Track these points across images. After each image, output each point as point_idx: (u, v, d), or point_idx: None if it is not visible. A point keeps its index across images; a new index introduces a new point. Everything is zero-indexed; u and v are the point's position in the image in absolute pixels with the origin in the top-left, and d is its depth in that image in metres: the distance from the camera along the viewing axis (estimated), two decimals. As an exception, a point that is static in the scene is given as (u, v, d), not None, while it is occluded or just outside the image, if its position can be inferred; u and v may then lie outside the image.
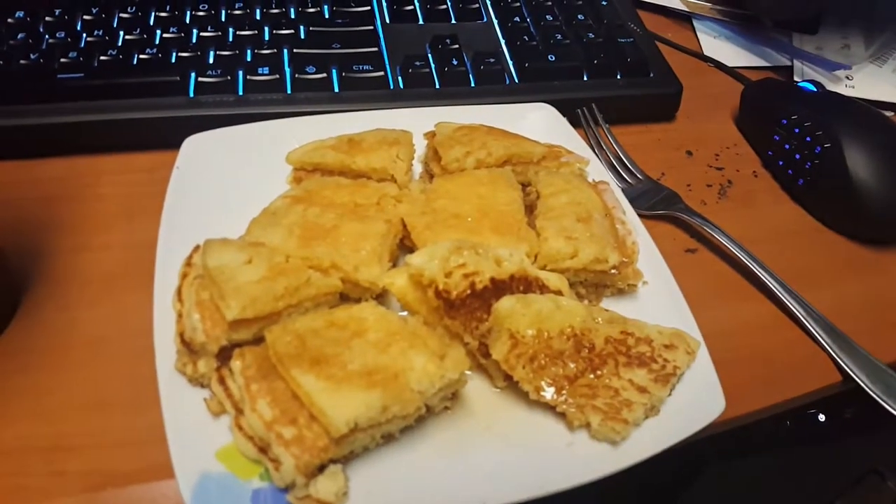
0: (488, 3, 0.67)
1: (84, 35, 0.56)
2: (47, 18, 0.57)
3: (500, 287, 0.40)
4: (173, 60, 0.56)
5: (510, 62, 0.61)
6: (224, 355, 0.37)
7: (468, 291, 0.39)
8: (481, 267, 0.39)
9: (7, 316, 0.42)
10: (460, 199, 0.44)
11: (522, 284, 0.41)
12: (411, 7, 0.64)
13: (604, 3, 0.68)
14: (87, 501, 0.35)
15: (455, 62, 0.59)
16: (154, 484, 0.36)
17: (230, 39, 0.58)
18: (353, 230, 0.41)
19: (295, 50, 0.57)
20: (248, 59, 0.57)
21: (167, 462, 0.35)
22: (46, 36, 0.56)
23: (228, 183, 0.48)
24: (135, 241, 0.47)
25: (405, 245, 0.45)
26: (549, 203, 0.46)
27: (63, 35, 0.56)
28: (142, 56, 0.55)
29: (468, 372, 0.39)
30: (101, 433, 0.38)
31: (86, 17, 0.58)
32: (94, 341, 0.42)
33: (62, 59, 0.54)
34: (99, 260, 0.46)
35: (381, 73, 0.57)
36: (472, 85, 0.59)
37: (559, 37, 0.63)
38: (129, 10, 0.59)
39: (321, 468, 0.34)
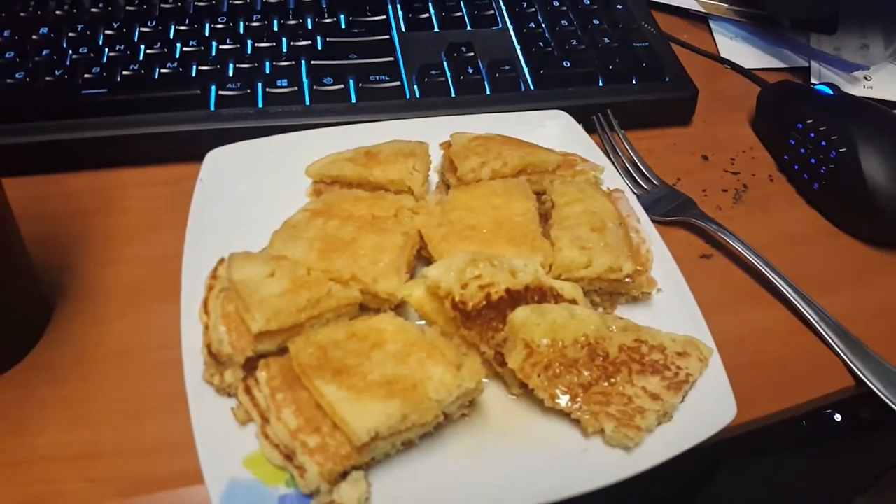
0: (503, 9, 0.67)
1: (106, 50, 0.58)
2: (70, 34, 0.59)
3: (515, 297, 0.41)
4: (194, 74, 0.57)
5: (525, 69, 0.62)
6: (250, 366, 0.38)
7: (484, 302, 0.40)
8: (497, 278, 0.40)
9: (39, 329, 0.44)
10: (476, 210, 0.45)
11: (537, 294, 0.42)
12: (427, 15, 0.64)
13: (619, 6, 0.68)
14: (124, 506, 0.37)
15: (470, 70, 0.59)
16: (184, 490, 0.37)
17: (249, 52, 0.59)
18: (371, 242, 0.42)
19: (312, 62, 0.58)
20: (267, 71, 0.58)
21: (196, 469, 0.37)
22: (70, 52, 0.57)
23: (250, 195, 0.49)
24: (161, 254, 0.48)
25: (422, 256, 0.46)
26: (563, 212, 0.47)
27: (86, 51, 0.57)
28: (163, 70, 0.57)
29: (485, 380, 0.40)
30: (133, 441, 0.39)
31: (107, 31, 0.60)
32: (123, 353, 0.44)
33: (85, 75, 0.55)
34: (126, 273, 0.48)
35: (398, 83, 0.58)
36: (488, 93, 0.59)
37: (574, 42, 0.64)
38: (149, 24, 0.60)
39: (344, 475, 0.35)
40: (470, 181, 0.49)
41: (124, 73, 0.56)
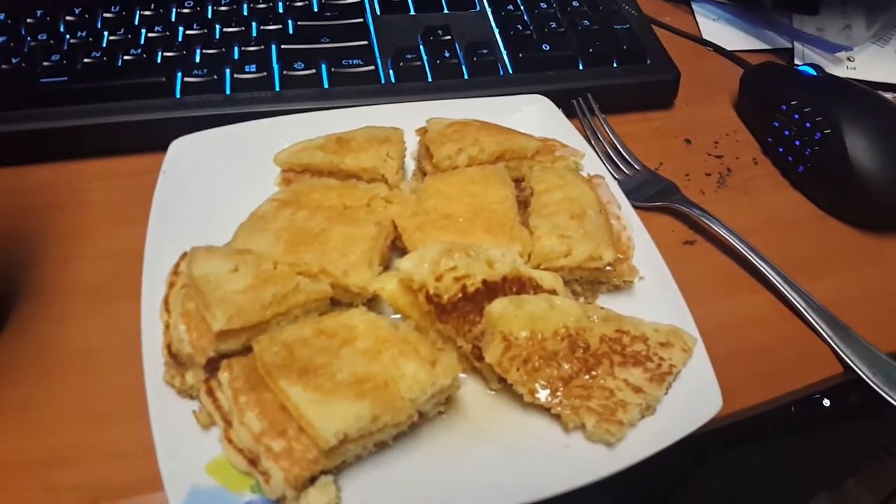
0: (481, -9, 0.65)
1: (67, 37, 0.56)
2: (28, 20, 0.56)
3: (492, 289, 0.39)
4: (159, 61, 0.55)
5: (504, 52, 0.60)
6: (212, 366, 0.36)
7: (460, 295, 0.38)
8: (473, 269, 0.39)
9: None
10: (452, 198, 0.44)
11: (515, 285, 0.40)
12: (402, -3, 0.62)
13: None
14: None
15: (447, 54, 0.57)
16: (147, 496, 0.36)
17: (217, 37, 0.57)
18: (342, 234, 0.41)
19: (283, 46, 0.56)
20: (236, 56, 0.56)
21: (155, 475, 0.35)
22: (28, 39, 0.55)
23: (216, 186, 0.47)
24: (124, 249, 0.46)
25: (397, 247, 0.44)
26: (542, 200, 0.45)
27: (45, 37, 0.55)
28: (126, 57, 0.54)
29: (462, 376, 0.39)
30: (94, 446, 0.38)
31: (68, 17, 0.57)
32: (84, 353, 0.42)
33: (45, 63, 0.53)
34: (88, 269, 0.46)
35: (372, 68, 0.56)
36: (465, 77, 0.58)
37: (553, 25, 0.62)
38: (112, 9, 0.58)
39: (312, 480, 0.33)
40: (446, 168, 0.47)
41: (86, 60, 0.54)
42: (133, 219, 0.48)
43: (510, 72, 0.59)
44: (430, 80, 0.57)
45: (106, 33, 0.56)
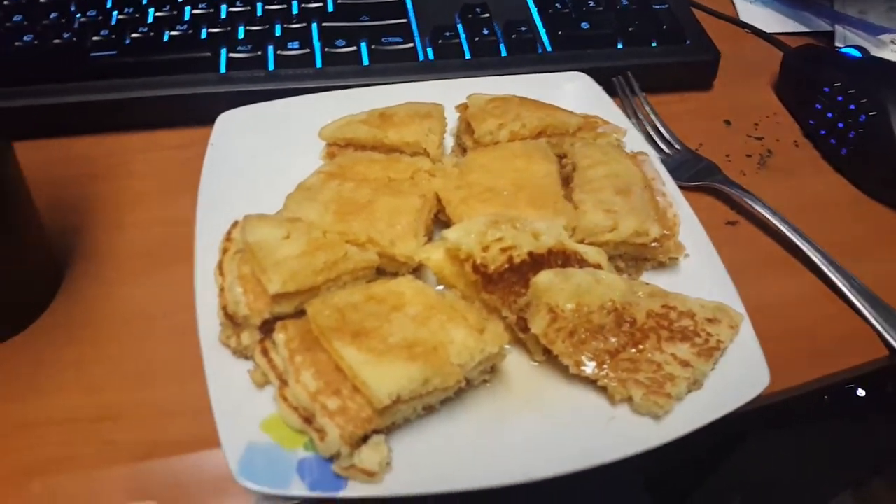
0: (519, -29, 0.65)
1: (115, 13, 0.56)
2: (79, -4, 0.57)
3: (537, 261, 0.39)
4: (203, 37, 0.55)
5: (542, 30, 0.60)
6: (266, 328, 0.37)
7: (506, 266, 0.38)
8: (519, 241, 0.39)
9: (51, 292, 0.43)
10: (495, 172, 0.44)
11: (561, 258, 0.40)
12: (441, -23, 0.62)
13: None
14: (137, 470, 0.36)
15: (486, 32, 0.58)
16: (199, 454, 0.36)
17: (259, 14, 0.57)
18: (388, 205, 0.41)
19: (324, 24, 0.57)
20: (278, 33, 0.56)
21: (212, 433, 0.36)
22: (78, 14, 0.56)
23: (262, 158, 0.48)
24: (171, 217, 0.47)
25: (440, 220, 0.44)
26: (586, 175, 0.45)
27: (94, 13, 0.56)
28: (172, 33, 0.55)
29: (507, 346, 0.39)
30: (147, 404, 0.39)
31: (116, -7, 0.58)
32: (136, 315, 0.43)
33: (94, 38, 0.54)
34: (137, 236, 0.47)
35: (411, 45, 0.56)
36: (504, 54, 0.58)
37: (592, 3, 0.62)
38: (157, -15, 0.59)
39: (364, 438, 0.34)
40: (487, 143, 0.47)
41: (133, 35, 0.54)
42: (178, 189, 0.49)
43: (549, 49, 0.59)
44: (468, 57, 0.57)
45: (152, 10, 0.57)
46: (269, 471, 0.33)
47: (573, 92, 0.54)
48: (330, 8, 0.59)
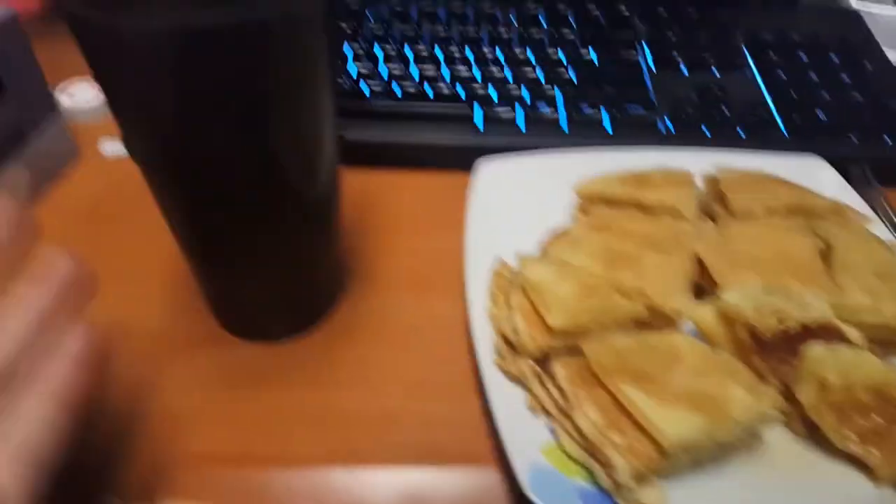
0: (749, 58, 0.68)
1: (385, 67, 0.64)
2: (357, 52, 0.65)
3: (807, 333, 0.40)
4: (463, 96, 0.61)
5: (776, 114, 0.62)
6: (541, 359, 0.40)
7: (778, 334, 0.39)
8: (791, 311, 0.40)
9: (336, 298, 0.48)
10: (758, 243, 0.45)
11: (827, 333, 0.41)
12: (675, 57, 0.66)
13: (867, 64, 0.67)
14: (415, 472, 0.39)
15: (724, 111, 0.60)
16: (472, 467, 0.39)
17: (510, 80, 0.63)
18: (656, 261, 0.43)
19: (570, 92, 0.61)
20: (527, 97, 0.62)
21: (485, 450, 0.39)
22: (356, 64, 0.63)
23: (518, 204, 0.52)
24: (435, 247, 0.52)
25: (696, 283, 0.46)
26: (843, 257, 0.46)
27: (370, 66, 0.63)
28: (436, 90, 0.61)
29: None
30: (422, 412, 0.42)
31: (388, 51, 0.66)
32: (409, 329, 0.47)
33: (373, 88, 0.61)
34: (406, 262, 0.52)
35: (653, 117, 0.59)
36: (741, 134, 0.60)
37: (825, 94, 0.63)
38: (422, 48, 0.66)
39: (644, 478, 0.35)
40: (741, 215, 0.49)
41: (404, 88, 0.61)
42: (441, 224, 0.54)
43: (784, 134, 0.60)
44: (706, 133, 0.60)
45: (416, 68, 0.64)
46: (554, 493, 0.35)
47: (812, 176, 0.55)
48: (573, 78, 0.63)
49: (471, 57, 0.65)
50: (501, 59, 0.65)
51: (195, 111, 0.32)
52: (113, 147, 0.63)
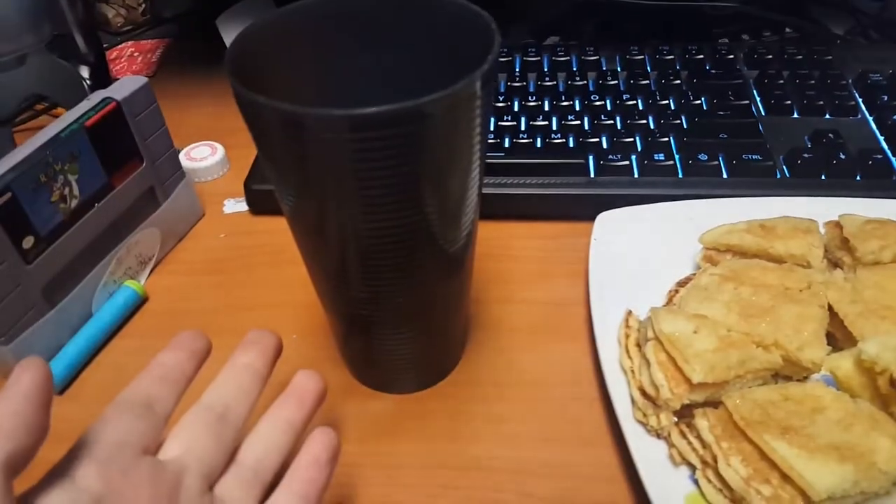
0: (860, 100, 0.67)
1: (493, 119, 0.67)
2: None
3: (947, 383, 0.40)
4: (572, 145, 0.64)
5: (892, 159, 0.61)
6: (678, 412, 0.41)
7: (920, 383, 0.39)
8: (932, 360, 0.40)
9: (462, 351, 0.51)
10: (890, 291, 0.46)
11: (969, 381, 0.40)
12: (788, 102, 0.66)
13: None
14: (557, 523, 0.41)
15: (842, 155, 0.60)
16: (618, 518, 0.41)
17: (620, 127, 0.65)
18: (792, 312, 0.44)
19: (684, 138, 0.63)
20: (639, 145, 0.63)
21: (623, 499, 0.40)
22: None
23: (640, 254, 0.54)
24: (552, 299, 0.54)
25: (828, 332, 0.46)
26: (979, 304, 0.45)
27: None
28: (546, 140, 0.64)
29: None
30: (556, 464, 0.44)
31: (495, 104, 0.68)
32: (533, 382, 0.49)
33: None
34: (524, 312, 0.54)
35: (769, 163, 0.60)
36: (858, 178, 0.60)
37: (943, 134, 0.62)
38: (530, 99, 0.68)
39: (792, 529, 0.36)
40: (869, 262, 0.49)
41: (515, 141, 0.64)
42: (556, 274, 0.56)
43: (902, 177, 0.60)
44: (822, 178, 0.60)
45: (523, 118, 0.67)
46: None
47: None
48: (685, 125, 0.65)
49: (577, 105, 0.67)
50: (609, 106, 0.67)
51: (352, 187, 0.34)
52: (233, 206, 0.68)
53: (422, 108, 0.32)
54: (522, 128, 0.66)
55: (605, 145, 0.64)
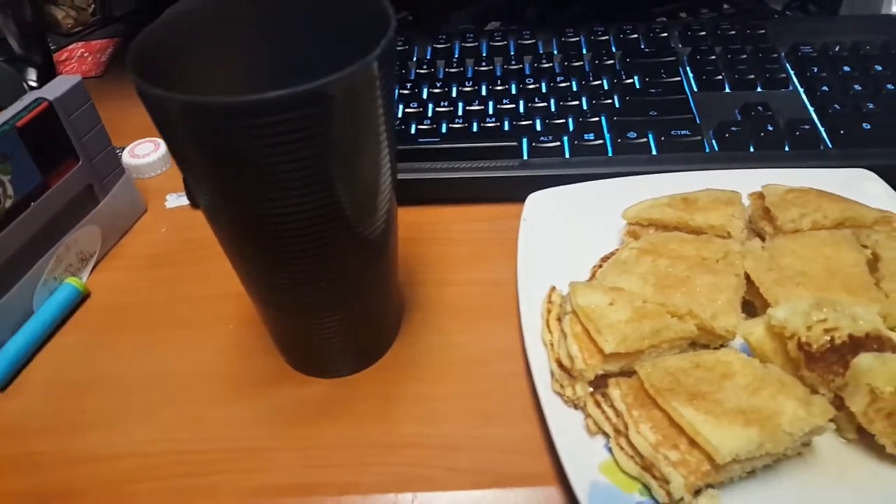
0: (792, 73, 0.68)
1: (431, 105, 0.67)
2: (402, 91, 0.69)
3: (856, 344, 0.41)
4: (507, 128, 0.64)
5: (821, 129, 0.62)
6: (595, 383, 0.42)
7: (828, 346, 0.41)
8: (840, 323, 0.41)
9: (394, 333, 0.52)
10: (806, 257, 0.47)
11: (876, 343, 0.42)
12: (719, 77, 0.67)
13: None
14: (478, 496, 0.42)
15: (769, 127, 0.61)
16: (538, 488, 0.41)
17: (553, 109, 0.66)
18: (706, 281, 0.45)
19: (614, 118, 0.63)
20: (571, 126, 0.64)
21: (547, 471, 0.41)
22: (401, 105, 0.67)
23: (567, 233, 0.54)
24: (488, 279, 0.55)
25: (745, 300, 0.47)
26: (891, 266, 0.47)
27: (416, 105, 0.67)
28: (482, 125, 0.64)
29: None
30: (484, 439, 0.44)
31: (432, 90, 0.69)
32: (465, 361, 0.49)
33: (420, 127, 0.65)
34: (460, 293, 0.55)
35: (697, 138, 0.61)
36: (787, 149, 0.61)
37: (870, 106, 0.63)
38: (467, 84, 0.69)
39: (697, 491, 0.37)
40: (789, 231, 0.50)
41: (449, 125, 0.65)
42: (491, 256, 0.57)
43: (829, 147, 0.61)
44: (751, 150, 0.61)
45: (461, 104, 0.67)
46: (614, 507, 0.37)
47: (861, 188, 0.56)
48: (617, 104, 0.66)
49: (514, 90, 0.68)
50: (544, 89, 0.68)
51: (261, 173, 0.35)
52: (175, 200, 0.68)
53: (321, 90, 0.33)
54: (459, 113, 0.67)
55: (538, 128, 0.64)
